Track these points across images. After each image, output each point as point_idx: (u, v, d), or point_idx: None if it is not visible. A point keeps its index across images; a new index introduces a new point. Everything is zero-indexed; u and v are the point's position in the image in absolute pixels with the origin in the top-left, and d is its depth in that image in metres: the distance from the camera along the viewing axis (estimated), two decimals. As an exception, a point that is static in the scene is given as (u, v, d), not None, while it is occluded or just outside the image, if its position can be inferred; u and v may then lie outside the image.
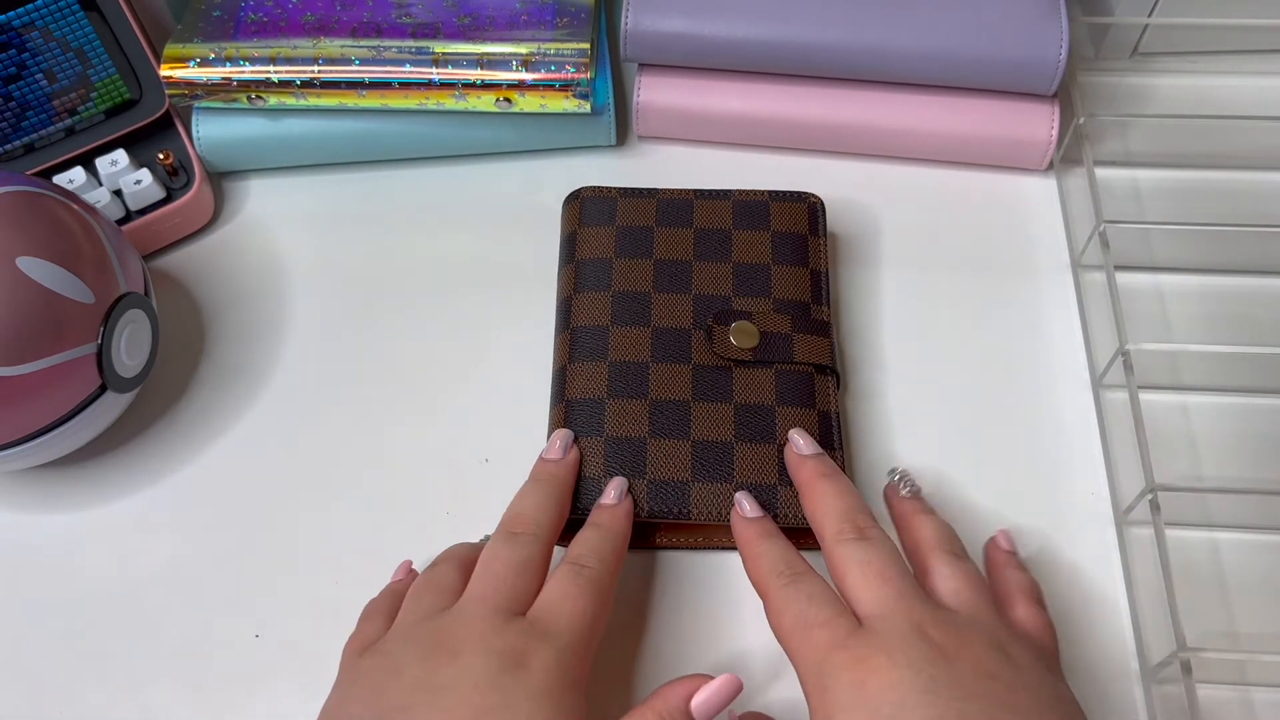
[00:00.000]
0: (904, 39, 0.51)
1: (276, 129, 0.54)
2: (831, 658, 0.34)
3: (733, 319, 0.46)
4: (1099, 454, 0.46)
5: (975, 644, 0.34)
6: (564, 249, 0.50)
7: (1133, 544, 0.44)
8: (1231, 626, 0.42)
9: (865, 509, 0.39)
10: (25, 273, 0.41)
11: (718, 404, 0.44)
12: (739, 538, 0.41)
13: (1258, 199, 0.53)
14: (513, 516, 0.40)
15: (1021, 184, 0.55)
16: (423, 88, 0.51)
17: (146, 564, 0.45)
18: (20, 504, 0.47)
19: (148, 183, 0.52)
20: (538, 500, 0.41)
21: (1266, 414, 0.47)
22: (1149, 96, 0.57)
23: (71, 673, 0.43)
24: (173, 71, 0.51)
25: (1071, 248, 0.52)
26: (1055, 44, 0.50)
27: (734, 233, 0.49)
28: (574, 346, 0.46)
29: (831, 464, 0.42)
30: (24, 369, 0.41)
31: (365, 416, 0.49)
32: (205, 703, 0.42)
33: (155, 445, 0.48)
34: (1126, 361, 0.45)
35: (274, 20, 0.53)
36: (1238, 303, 0.50)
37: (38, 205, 0.43)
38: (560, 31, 0.52)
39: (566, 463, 0.43)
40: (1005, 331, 0.50)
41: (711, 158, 0.56)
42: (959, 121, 0.53)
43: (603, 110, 0.54)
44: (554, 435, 0.44)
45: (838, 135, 0.54)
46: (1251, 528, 0.44)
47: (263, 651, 0.43)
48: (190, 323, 0.52)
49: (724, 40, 0.52)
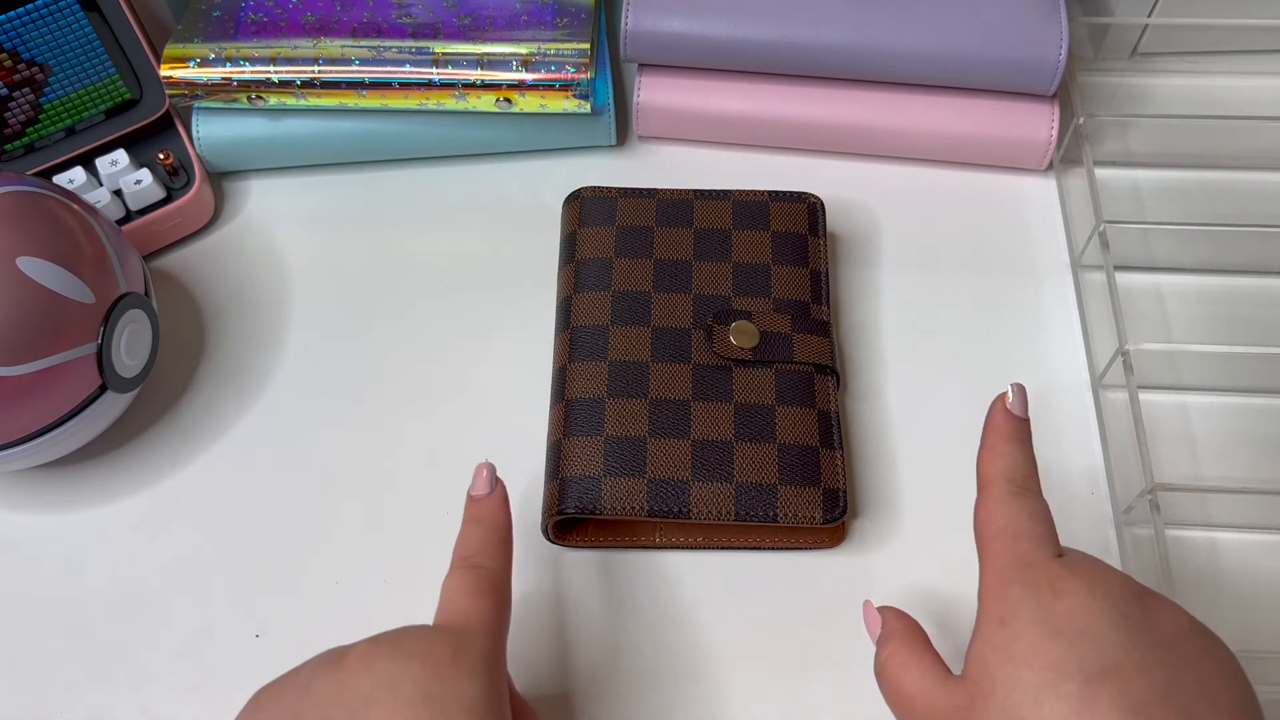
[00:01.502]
0: (904, 39, 0.51)
1: (277, 129, 0.54)
2: (1029, 570, 0.33)
3: (733, 319, 0.46)
4: (1099, 454, 0.46)
5: (1169, 605, 0.33)
6: (564, 249, 0.50)
7: (1133, 544, 0.44)
8: (1232, 627, 0.42)
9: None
10: (25, 273, 0.41)
11: (718, 403, 0.44)
12: (992, 422, 0.38)
13: (1258, 199, 0.53)
14: (464, 558, 0.38)
15: (1021, 184, 0.55)
16: (423, 88, 0.51)
17: (146, 564, 0.45)
18: (20, 504, 0.47)
19: (148, 183, 0.52)
20: (481, 539, 0.38)
21: (1266, 414, 0.47)
22: (1149, 96, 0.57)
23: (71, 673, 0.43)
24: (173, 71, 0.51)
25: (1071, 248, 0.52)
26: (1055, 44, 0.50)
27: (734, 233, 0.49)
28: (574, 346, 0.46)
29: (1029, 436, 0.38)
30: (24, 369, 0.41)
31: (365, 416, 0.49)
32: (205, 703, 0.42)
33: (155, 445, 0.48)
34: (1126, 361, 0.45)
35: (274, 20, 0.53)
36: (1238, 303, 0.50)
37: (38, 205, 0.43)
38: (560, 32, 0.52)
39: (496, 495, 0.39)
40: (1005, 331, 0.50)
41: (711, 158, 0.56)
42: (959, 121, 0.53)
43: (603, 110, 0.54)
44: (479, 469, 0.40)
45: (838, 135, 0.54)
46: (1251, 528, 0.44)
47: (263, 651, 0.43)
48: (190, 323, 0.52)
49: (724, 40, 0.52)
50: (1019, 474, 0.36)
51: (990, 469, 0.37)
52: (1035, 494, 0.36)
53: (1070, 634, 0.31)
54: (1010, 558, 0.34)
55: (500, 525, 0.39)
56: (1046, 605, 0.32)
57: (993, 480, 0.36)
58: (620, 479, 0.43)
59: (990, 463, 0.37)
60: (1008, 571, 0.33)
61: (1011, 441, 0.37)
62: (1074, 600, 0.32)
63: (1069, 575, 0.32)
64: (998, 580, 0.34)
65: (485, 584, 0.36)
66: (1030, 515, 0.35)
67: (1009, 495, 0.36)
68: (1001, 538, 0.35)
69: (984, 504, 0.36)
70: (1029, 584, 0.33)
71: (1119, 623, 0.31)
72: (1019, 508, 0.35)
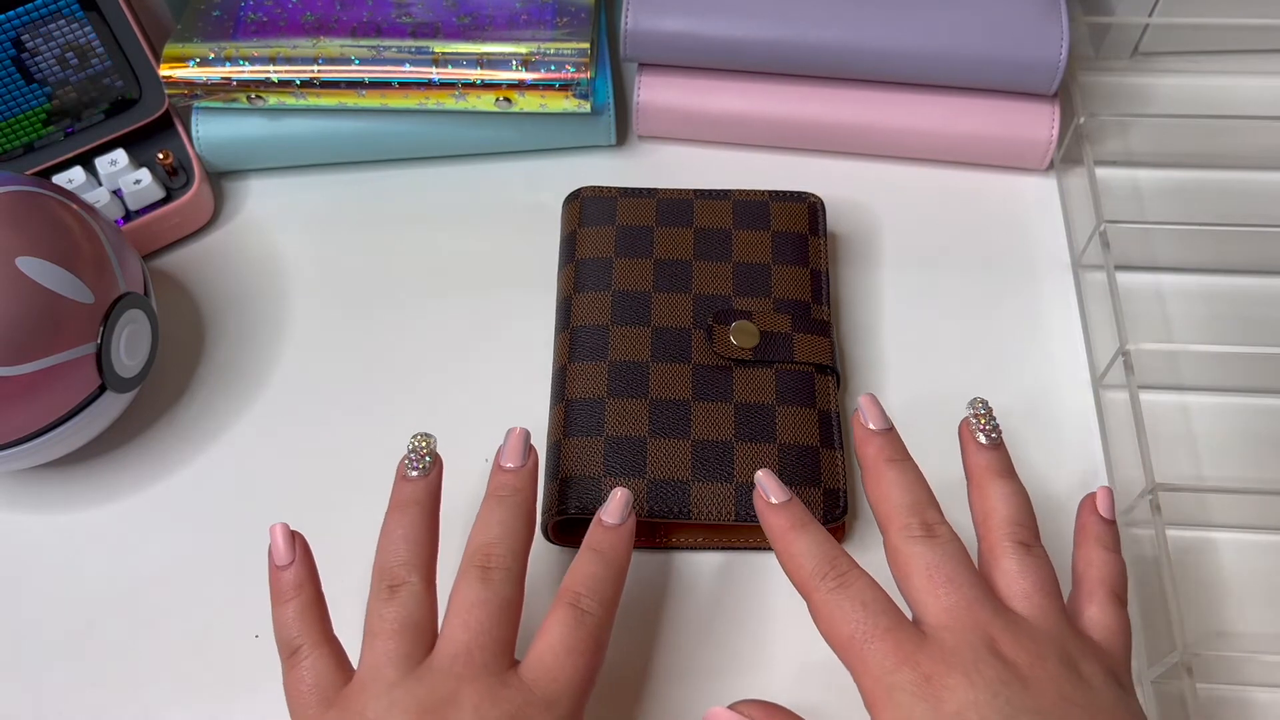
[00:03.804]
0: (904, 38, 0.51)
1: (276, 129, 0.54)
2: (899, 675, 0.32)
3: (733, 318, 0.46)
4: (1099, 454, 0.46)
5: (1049, 660, 0.32)
6: (564, 249, 0.50)
7: (1134, 545, 0.44)
8: (1231, 627, 0.42)
9: (934, 503, 0.36)
10: (25, 272, 0.41)
11: (718, 403, 0.44)
12: (769, 530, 0.36)
13: (1258, 199, 0.53)
14: (480, 548, 0.36)
15: (1022, 184, 0.55)
16: (422, 87, 0.51)
17: (146, 564, 0.45)
18: (20, 504, 0.47)
19: (147, 182, 0.52)
20: (504, 523, 0.37)
21: (1267, 414, 0.47)
22: (1149, 96, 0.57)
23: (71, 673, 0.43)
24: (172, 71, 0.51)
25: (1072, 247, 0.52)
26: (1056, 44, 0.50)
27: (734, 232, 0.49)
28: (574, 346, 0.46)
29: (902, 447, 0.38)
30: (23, 369, 0.41)
31: (365, 416, 0.49)
32: (205, 703, 0.42)
33: (155, 445, 0.48)
34: (1127, 361, 0.45)
35: (274, 20, 0.53)
36: (1238, 303, 0.50)
37: (37, 205, 0.43)
38: (560, 31, 0.52)
39: (528, 471, 0.39)
40: (1006, 331, 0.50)
41: (711, 158, 0.56)
42: (959, 121, 0.53)
43: (603, 110, 0.54)
44: (512, 435, 0.39)
45: (838, 135, 0.54)
46: (1252, 528, 0.44)
47: (263, 651, 0.43)
48: (190, 323, 0.52)
49: (724, 40, 0.52)
50: (825, 563, 0.35)
51: (796, 576, 0.35)
52: (851, 573, 0.34)
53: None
54: (876, 664, 0.32)
55: (621, 566, 0.37)
56: (934, 710, 0.31)
57: (804, 584, 0.35)
58: (620, 479, 0.43)
59: (794, 571, 0.35)
60: (881, 681, 0.32)
61: (796, 534, 0.36)
62: (958, 696, 0.31)
63: (944, 668, 0.32)
64: (879, 691, 0.32)
65: (588, 639, 0.35)
66: (864, 605, 0.33)
67: (831, 591, 0.34)
68: (854, 644, 0.33)
69: (816, 613, 0.34)
70: (908, 688, 0.31)
71: (1004, 711, 0.30)
72: (847, 602, 0.34)
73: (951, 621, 0.33)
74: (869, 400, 0.39)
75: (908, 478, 0.37)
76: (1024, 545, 0.35)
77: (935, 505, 0.36)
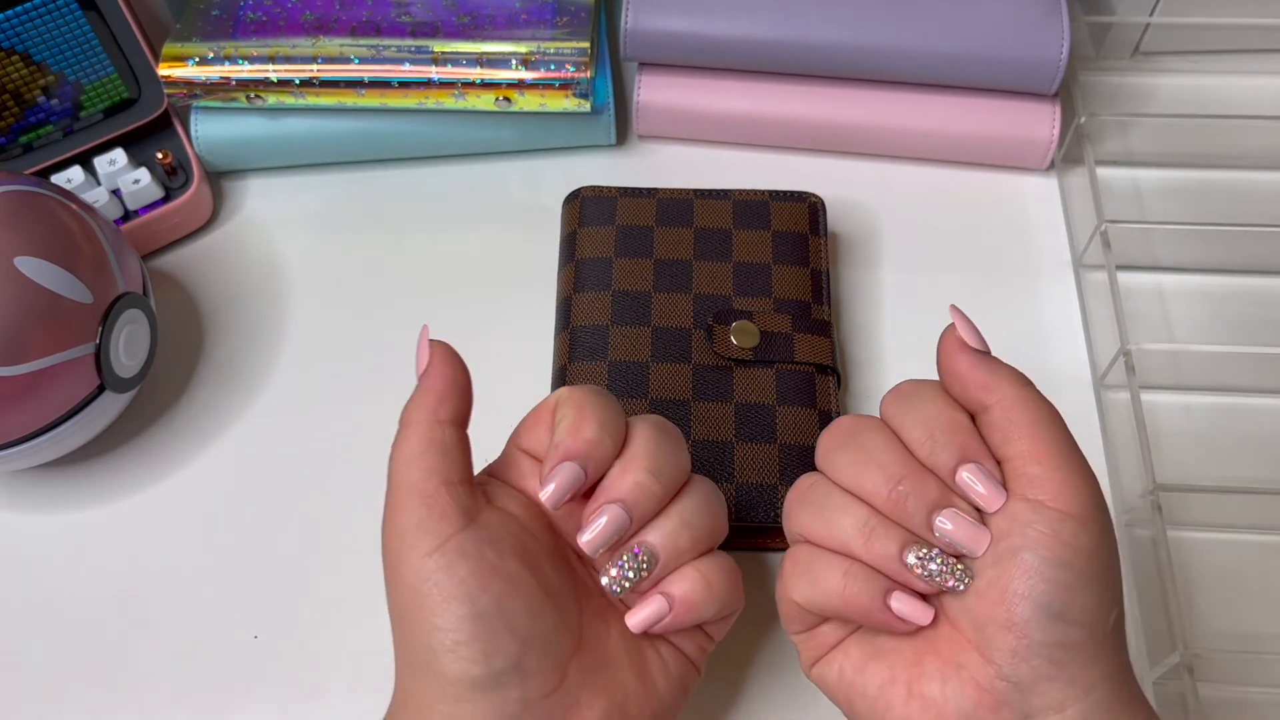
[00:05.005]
0: (905, 38, 0.51)
1: (275, 128, 0.54)
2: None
3: (733, 318, 0.46)
4: (1100, 454, 0.46)
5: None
6: (564, 249, 0.50)
7: (1135, 545, 0.44)
8: (1233, 627, 0.42)
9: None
10: (23, 272, 0.41)
11: (718, 404, 0.44)
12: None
13: (1259, 199, 0.53)
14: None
15: (1022, 184, 0.55)
16: (422, 87, 0.51)
17: (145, 564, 0.45)
18: (20, 504, 0.47)
19: (146, 182, 0.52)
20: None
21: (1268, 414, 0.47)
22: (1150, 96, 0.57)
23: (71, 673, 0.43)
24: (171, 70, 0.51)
25: (1073, 247, 0.52)
26: (1056, 43, 0.50)
27: (734, 232, 0.49)
28: (574, 346, 0.46)
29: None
30: (22, 369, 0.41)
31: (365, 416, 0.49)
32: (205, 703, 0.42)
33: (155, 445, 0.48)
34: (1128, 362, 0.45)
35: (273, 19, 0.53)
36: (1239, 303, 0.50)
37: (36, 205, 0.43)
38: (560, 30, 0.52)
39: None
40: (1006, 331, 0.50)
41: (711, 157, 0.56)
42: (960, 121, 0.53)
43: (603, 109, 0.54)
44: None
45: (838, 135, 0.54)
46: (1254, 528, 0.44)
47: (263, 651, 0.43)
48: (189, 323, 0.51)
49: (724, 39, 0.52)
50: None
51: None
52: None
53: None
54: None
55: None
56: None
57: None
58: (620, 479, 0.43)
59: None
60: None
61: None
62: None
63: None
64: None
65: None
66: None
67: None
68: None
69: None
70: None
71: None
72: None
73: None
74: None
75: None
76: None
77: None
